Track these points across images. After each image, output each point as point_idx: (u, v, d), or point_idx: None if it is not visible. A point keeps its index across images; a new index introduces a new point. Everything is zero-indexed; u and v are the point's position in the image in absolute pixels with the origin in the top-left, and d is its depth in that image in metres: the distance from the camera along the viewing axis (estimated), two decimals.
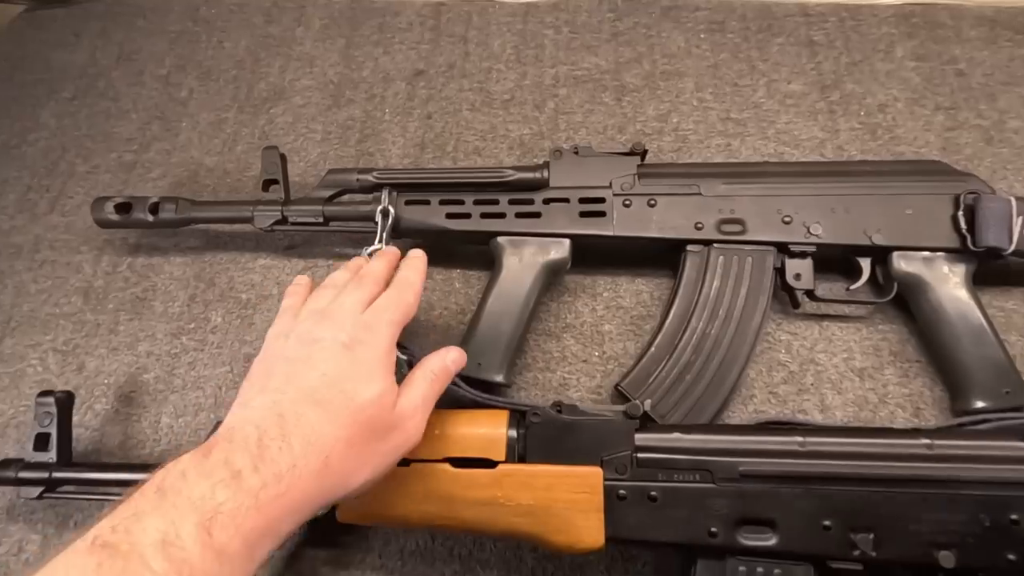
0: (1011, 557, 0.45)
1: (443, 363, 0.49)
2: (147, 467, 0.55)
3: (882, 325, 0.64)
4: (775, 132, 0.76)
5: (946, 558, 0.45)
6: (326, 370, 0.42)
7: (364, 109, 0.82)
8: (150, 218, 0.68)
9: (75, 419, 0.61)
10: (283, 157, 0.68)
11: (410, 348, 0.56)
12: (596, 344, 0.65)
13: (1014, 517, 0.45)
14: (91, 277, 0.73)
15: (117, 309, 0.71)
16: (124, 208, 0.68)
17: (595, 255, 0.66)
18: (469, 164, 0.77)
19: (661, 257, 0.66)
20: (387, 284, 0.51)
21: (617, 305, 0.67)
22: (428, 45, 0.87)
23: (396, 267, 0.53)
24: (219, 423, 0.43)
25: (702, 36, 0.84)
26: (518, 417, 0.53)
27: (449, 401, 0.61)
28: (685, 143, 0.76)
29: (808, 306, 0.63)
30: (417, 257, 0.53)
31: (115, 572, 0.31)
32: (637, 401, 0.52)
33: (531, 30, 0.87)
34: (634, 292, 0.67)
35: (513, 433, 0.52)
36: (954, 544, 0.46)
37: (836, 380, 0.62)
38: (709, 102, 0.79)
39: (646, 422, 0.52)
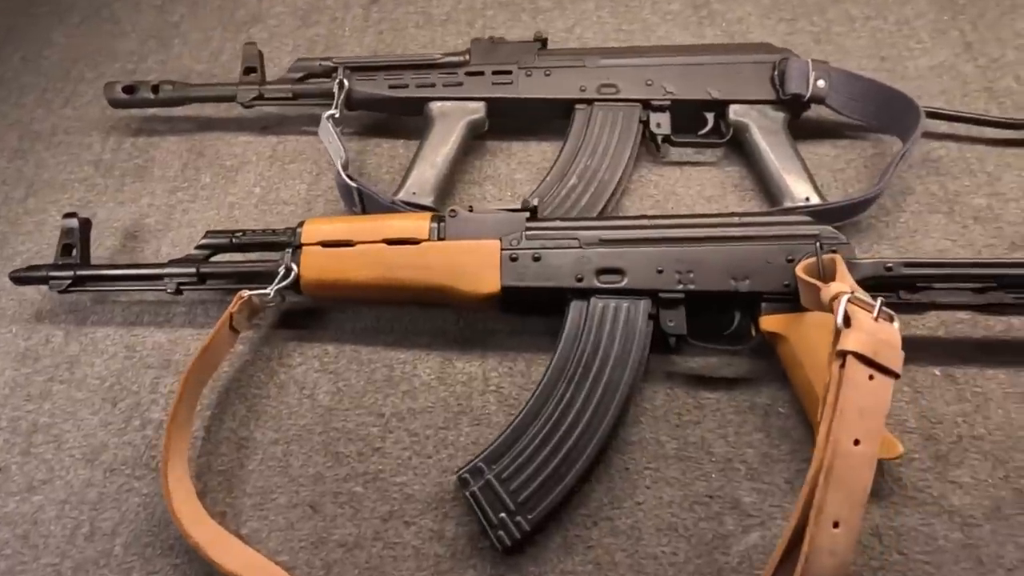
0: (786, 283, 0.63)
1: None
2: (153, 265, 0.72)
3: (728, 168, 0.83)
4: (656, 39, 0.95)
5: (743, 284, 0.64)
6: None
7: (328, 28, 1.00)
8: (152, 96, 0.85)
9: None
10: (260, 52, 0.86)
11: (361, 183, 0.73)
12: (509, 188, 0.83)
13: (789, 258, 0.64)
14: (100, 153, 0.89)
15: (123, 175, 0.87)
16: (130, 89, 0.85)
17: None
18: None
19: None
20: None
21: (528, 163, 0.85)
22: None
23: None
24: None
25: None
26: (441, 216, 0.70)
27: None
28: (586, 47, 0.95)
29: (672, 155, 0.82)
30: None
31: None
32: (529, 199, 0.70)
33: None
34: (540, 152, 0.85)
35: (435, 225, 0.69)
36: (748, 276, 0.64)
37: (690, 205, 0.80)
38: (606, 18, 0.98)
39: (534, 215, 0.70)
